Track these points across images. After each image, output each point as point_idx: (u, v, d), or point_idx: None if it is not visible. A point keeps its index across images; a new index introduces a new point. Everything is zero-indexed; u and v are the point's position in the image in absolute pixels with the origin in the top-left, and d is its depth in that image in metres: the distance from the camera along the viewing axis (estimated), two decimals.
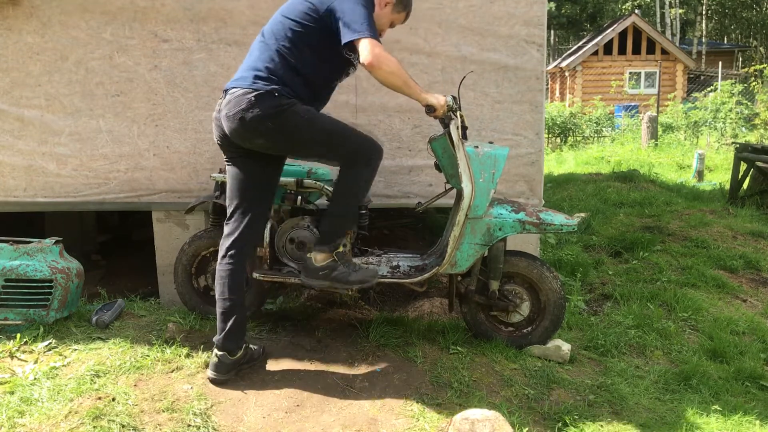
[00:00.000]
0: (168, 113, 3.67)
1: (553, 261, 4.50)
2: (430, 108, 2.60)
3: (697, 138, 13.82)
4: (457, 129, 2.72)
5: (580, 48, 21.47)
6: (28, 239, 3.10)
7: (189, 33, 3.61)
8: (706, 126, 14.04)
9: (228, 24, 3.60)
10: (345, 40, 2.42)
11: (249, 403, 2.49)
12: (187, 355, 2.78)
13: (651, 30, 20.59)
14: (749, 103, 14.13)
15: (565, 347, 3.09)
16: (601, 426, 2.53)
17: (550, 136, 14.78)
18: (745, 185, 7.17)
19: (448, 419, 2.33)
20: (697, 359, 3.29)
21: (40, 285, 2.94)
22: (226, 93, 2.56)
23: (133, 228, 5.23)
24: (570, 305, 3.81)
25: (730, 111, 13.77)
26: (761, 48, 32.59)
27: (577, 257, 4.61)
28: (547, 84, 22.64)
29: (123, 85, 3.64)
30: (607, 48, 20.30)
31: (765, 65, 13.74)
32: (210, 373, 2.60)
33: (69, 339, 2.90)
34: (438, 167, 2.94)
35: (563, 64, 21.15)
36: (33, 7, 3.55)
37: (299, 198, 3.09)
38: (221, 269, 2.63)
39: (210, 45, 3.62)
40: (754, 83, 13.79)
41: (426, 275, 2.90)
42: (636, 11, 24.55)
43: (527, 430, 2.40)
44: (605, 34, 20.57)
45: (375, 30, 2.46)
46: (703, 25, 29.00)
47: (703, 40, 27.80)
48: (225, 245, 2.64)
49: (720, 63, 19.12)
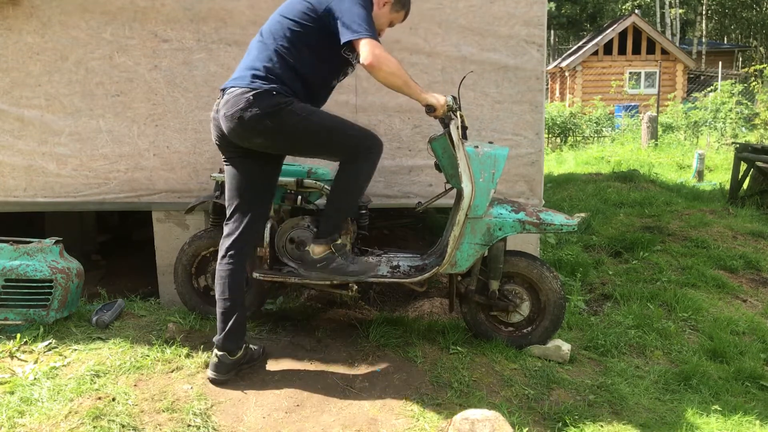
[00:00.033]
0: (168, 113, 3.68)
1: (553, 261, 4.50)
2: (430, 108, 2.60)
3: (697, 138, 13.82)
4: (457, 129, 2.72)
5: (580, 48, 21.47)
6: (28, 239, 3.09)
7: (189, 33, 3.61)
8: (706, 126, 14.04)
9: (228, 24, 3.61)
10: (344, 40, 2.42)
11: (249, 403, 2.49)
12: (187, 355, 2.78)
13: (651, 30, 20.59)
14: (749, 103, 14.13)
15: (565, 347, 3.09)
16: (601, 426, 2.53)
17: (550, 136, 14.78)
18: (745, 185, 7.17)
19: (448, 419, 2.33)
20: (697, 359, 3.29)
21: (40, 285, 2.94)
22: (223, 93, 2.55)
23: (133, 228, 5.22)
24: (570, 305, 3.81)
25: (730, 111, 13.77)
26: (761, 48, 32.59)
27: (577, 257, 4.61)
28: (547, 84, 22.64)
29: (123, 85, 3.64)
30: (607, 48, 20.31)
31: (765, 65, 13.73)
32: (210, 373, 2.60)
33: (69, 339, 2.90)
34: (438, 167, 2.94)
35: (563, 64, 21.16)
36: (33, 7, 3.55)
37: (299, 198, 3.09)
38: (221, 269, 2.63)
39: (210, 45, 3.63)
40: (754, 83, 13.78)
41: (426, 275, 2.90)
42: (636, 11, 24.55)
43: (527, 430, 2.40)
44: (605, 34, 20.57)
45: (374, 30, 2.45)
46: (703, 25, 29.00)
47: (703, 40, 27.80)
48: (225, 245, 2.64)
49: (720, 63, 19.12)
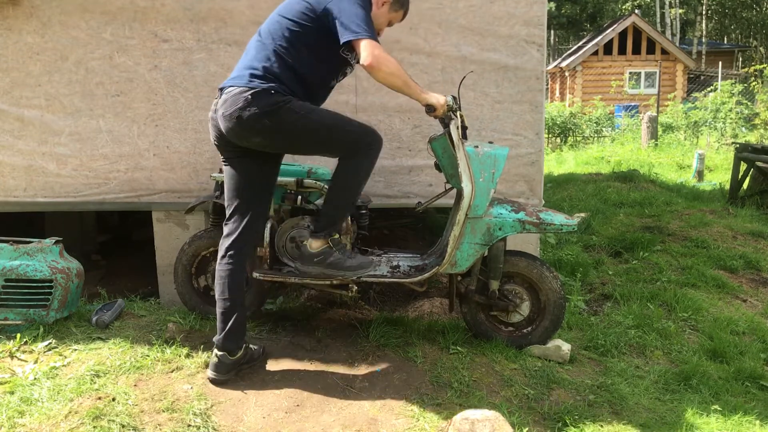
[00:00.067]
0: (168, 113, 3.68)
1: (553, 261, 4.50)
2: (430, 108, 2.60)
3: (697, 138, 13.82)
4: (457, 129, 2.72)
5: (580, 48, 21.48)
6: (28, 239, 3.09)
7: (189, 33, 3.61)
8: (706, 126, 14.05)
9: (228, 24, 3.60)
10: (343, 40, 2.41)
11: (249, 403, 2.49)
12: (187, 355, 2.78)
13: (651, 30, 20.59)
14: (749, 103, 14.13)
15: (565, 347, 3.08)
16: (601, 426, 2.53)
17: (550, 136, 14.78)
18: (745, 185, 7.17)
19: (448, 419, 2.33)
20: (697, 359, 3.28)
21: (40, 285, 2.94)
22: (221, 92, 2.54)
23: (133, 228, 5.22)
24: (570, 305, 3.81)
25: (730, 111, 13.77)
26: (761, 48, 32.59)
27: (577, 257, 4.61)
28: (547, 84, 22.64)
29: (123, 85, 3.64)
30: (607, 48, 20.31)
31: (765, 65, 13.74)
32: (210, 373, 2.60)
33: (69, 339, 2.90)
34: (438, 167, 2.94)
35: (563, 64, 21.16)
36: (33, 7, 3.55)
37: (299, 198, 3.08)
38: (221, 269, 2.62)
39: (210, 45, 3.63)
40: (754, 83, 13.79)
41: (426, 275, 2.90)
42: (636, 11, 24.55)
43: (527, 430, 2.40)
44: (605, 34, 20.57)
45: (373, 30, 2.45)
46: (703, 25, 29.00)
47: (703, 40, 27.80)
48: (224, 245, 2.63)
49: (720, 63, 19.13)
